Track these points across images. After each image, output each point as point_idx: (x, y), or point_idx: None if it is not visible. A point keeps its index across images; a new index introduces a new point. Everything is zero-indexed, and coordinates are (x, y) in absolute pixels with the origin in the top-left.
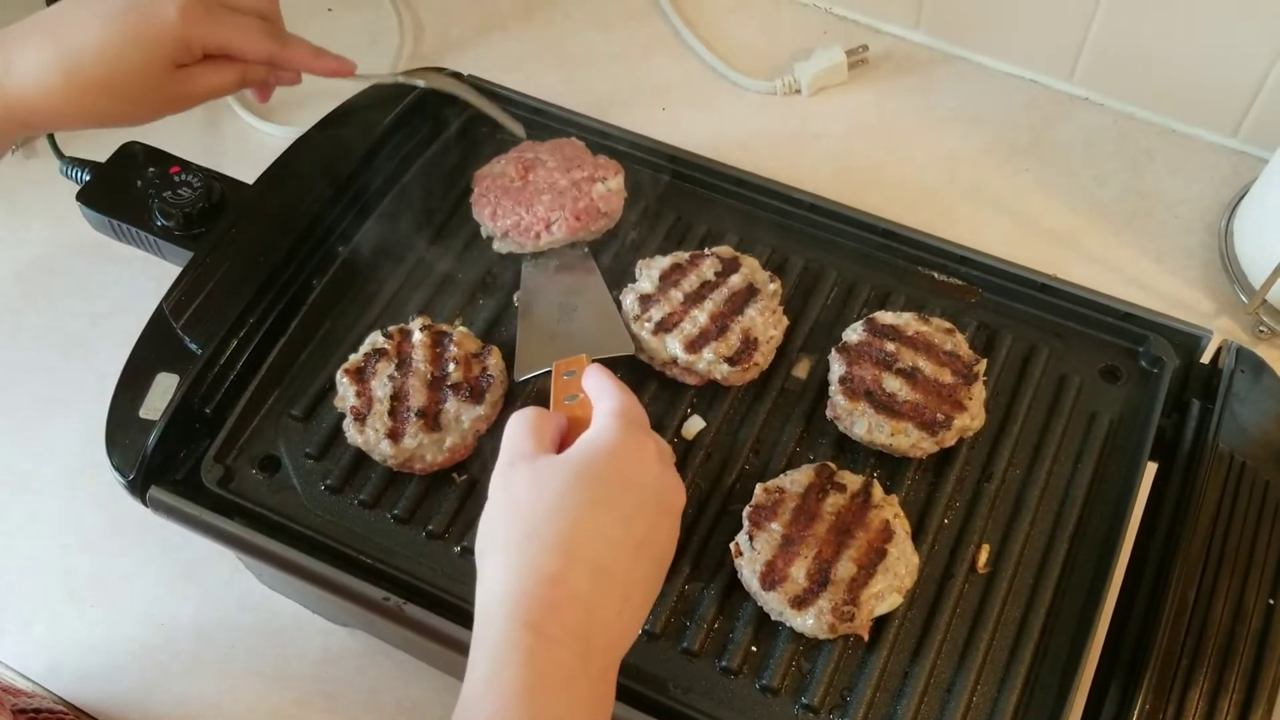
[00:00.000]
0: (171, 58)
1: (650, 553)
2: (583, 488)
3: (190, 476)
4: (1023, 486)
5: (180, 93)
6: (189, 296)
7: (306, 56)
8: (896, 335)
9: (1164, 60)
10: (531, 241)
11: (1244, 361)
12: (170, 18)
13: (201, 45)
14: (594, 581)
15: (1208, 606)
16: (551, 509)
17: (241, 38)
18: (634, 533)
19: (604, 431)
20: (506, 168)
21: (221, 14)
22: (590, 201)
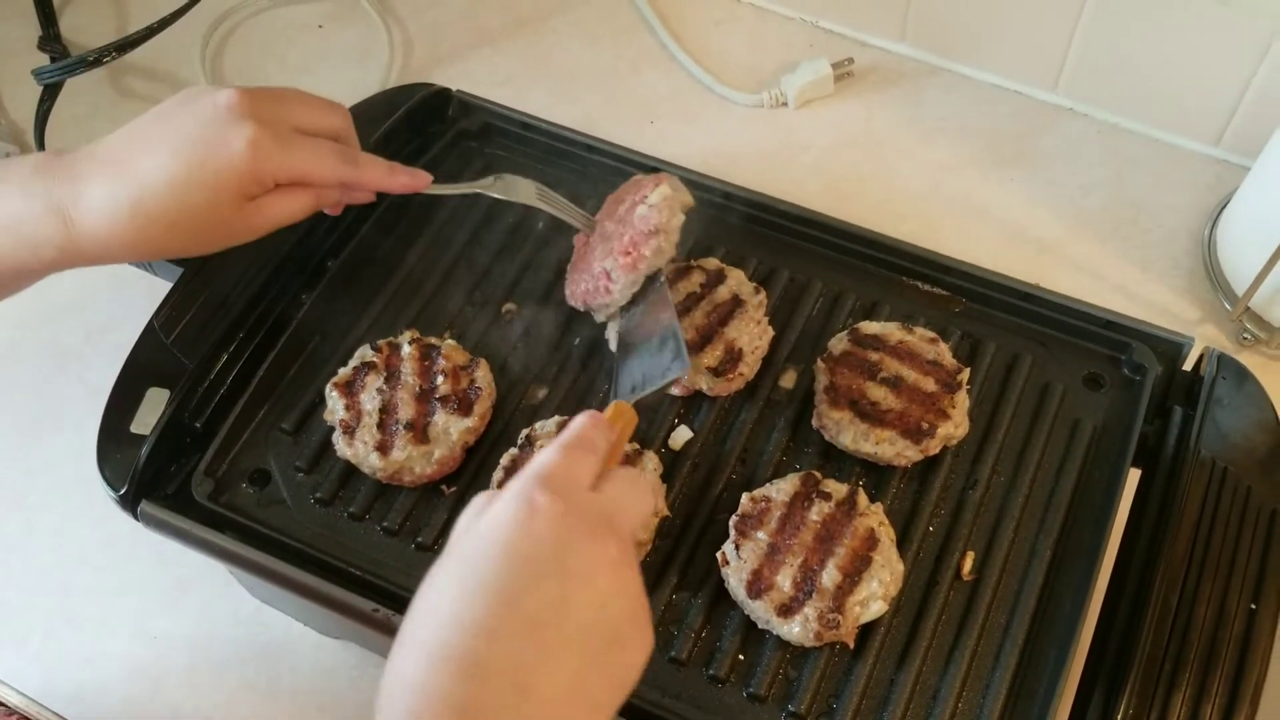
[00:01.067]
0: (240, 192)
1: (557, 632)
2: (454, 575)
3: (181, 491)
4: (1007, 494)
5: (250, 226)
6: (179, 312)
7: (381, 176)
8: (880, 345)
9: (1147, 70)
10: (606, 298)
11: (1226, 368)
12: (239, 151)
13: (274, 175)
14: (466, 681)
15: (1190, 611)
16: (428, 605)
17: (315, 166)
18: (521, 612)
19: (489, 504)
20: (575, 242)
21: (294, 141)
22: (634, 230)
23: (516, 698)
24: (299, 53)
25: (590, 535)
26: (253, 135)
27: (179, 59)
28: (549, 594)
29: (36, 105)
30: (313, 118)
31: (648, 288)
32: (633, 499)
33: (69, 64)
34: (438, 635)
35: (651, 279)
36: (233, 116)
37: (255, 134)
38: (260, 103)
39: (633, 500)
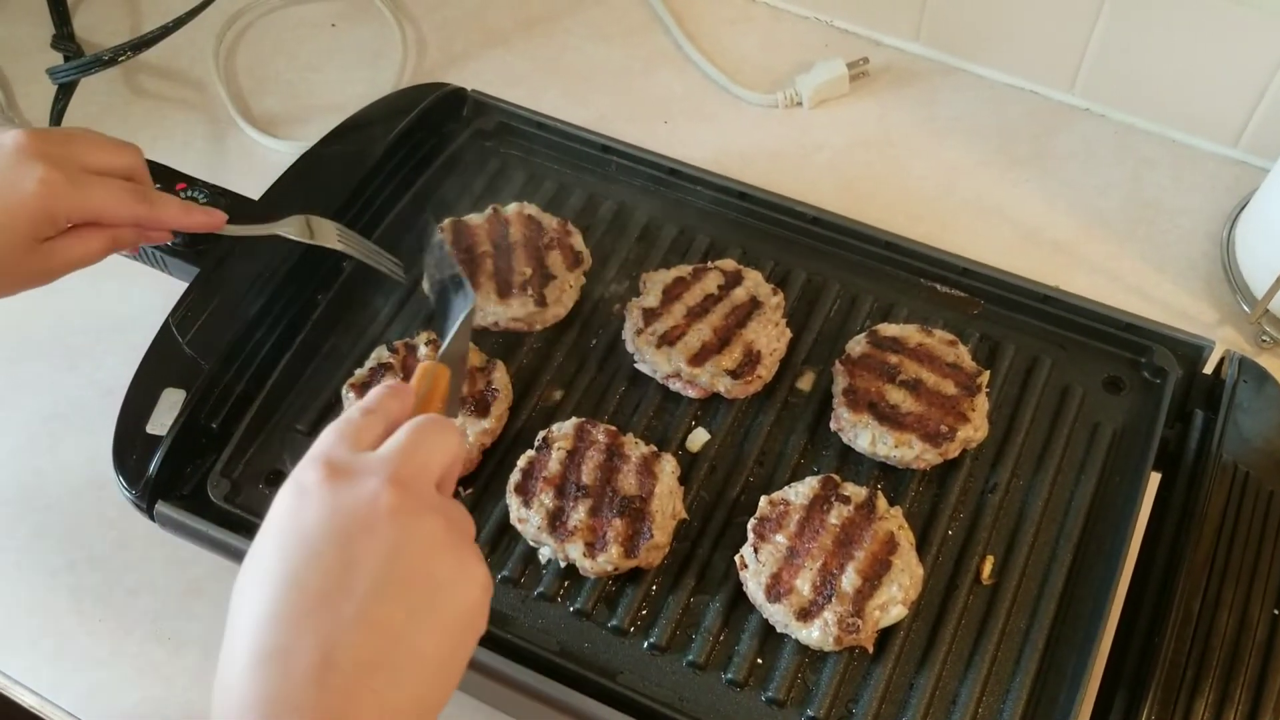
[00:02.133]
0: (32, 234)
1: (347, 598)
2: (247, 575)
3: (197, 491)
4: (1026, 497)
5: (42, 268)
6: (195, 312)
7: (176, 214)
8: (899, 347)
9: (1164, 71)
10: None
11: (1246, 372)
12: (30, 191)
13: (67, 216)
14: (271, 674)
15: (1212, 617)
16: (234, 610)
17: (110, 204)
18: (307, 590)
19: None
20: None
21: (86, 180)
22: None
23: (321, 672)
24: (311, 51)
25: (362, 495)
26: (43, 174)
27: (192, 57)
28: (329, 563)
29: (51, 104)
30: (104, 158)
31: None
32: (422, 441)
33: (84, 63)
34: (242, 640)
35: (431, 249)
36: (22, 157)
37: (46, 173)
38: (50, 144)
39: (422, 443)
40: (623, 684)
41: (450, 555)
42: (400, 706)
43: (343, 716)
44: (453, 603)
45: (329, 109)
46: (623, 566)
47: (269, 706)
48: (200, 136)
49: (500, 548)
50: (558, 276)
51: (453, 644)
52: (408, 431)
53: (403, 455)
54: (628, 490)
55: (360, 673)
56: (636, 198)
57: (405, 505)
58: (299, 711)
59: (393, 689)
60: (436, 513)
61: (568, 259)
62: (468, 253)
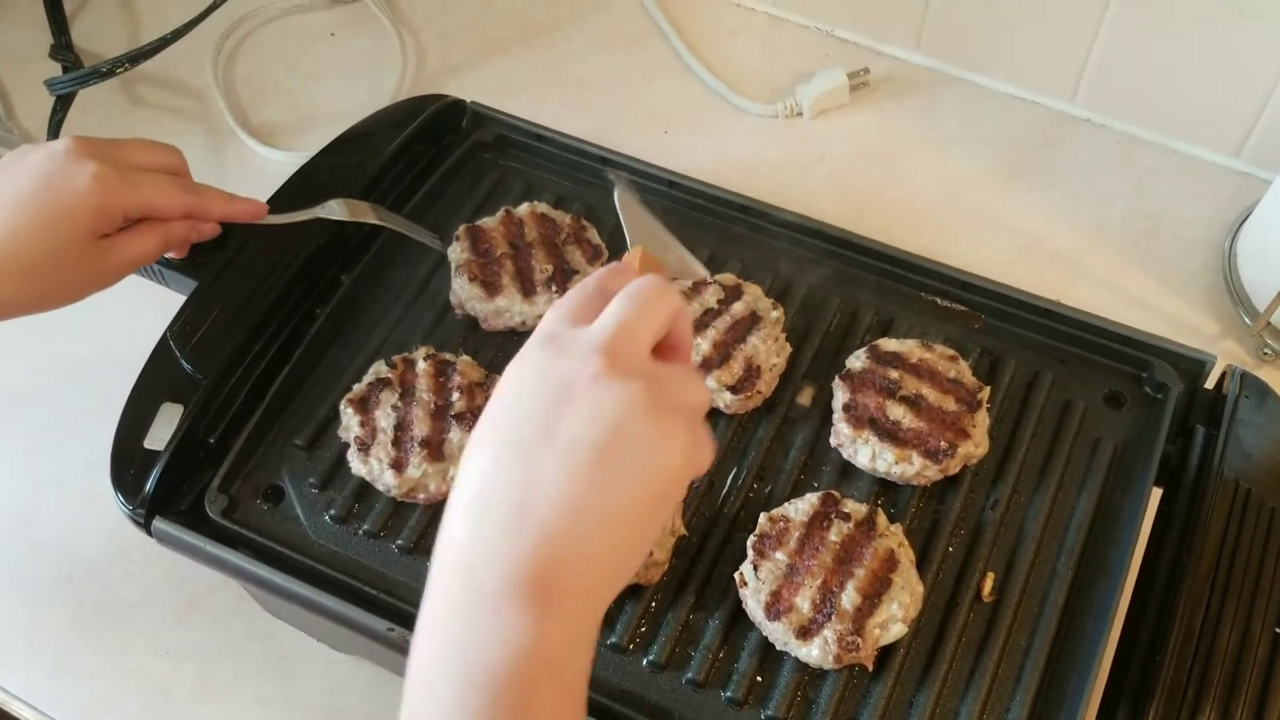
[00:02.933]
0: (92, 229)
1: (548, 450)
2: (473, 443)
3: (195, 507)
4: (1027, 514)
5: (105, 266)
6: (193, 325)
7: (222, 204)
8: (900, 363)
9: (1166, 81)
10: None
11: (1248, 387)
12: (85, 187)
13: (123, 210)
14: (472, 521)
15: (1213, 635)
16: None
17: (162, 194)
18: (513, 441)
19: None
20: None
21: (137, 176)
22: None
23: (516, 519)
24: (310, 61)
25: (572, 364)
26: (96, 170)
27: (191, 67)
28: (534, 425)
29: (50, 115)
30: (149, 156)
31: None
32: (630, 308)
33: (82, 75)
34: (455, 494)
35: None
36: (73, 158)
37: (98, 169)
38: (96, 146)
39: (630, 310)
40: (620, 701)
41: (649, 420)
42: (593, 557)
43: (536, 559)
44: (648, 466)
45: (329, 119)
46: None
47: (470, 554)
48: (199, 146)
49: None
50: (580, 270)
51: (643, 507)
52: (618, 300)
53: (612, 324)
54: None
55: (554, 519)
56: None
57: (609, 371)
58: (496, 556)
59: (585, 537)
60: (640, 378)
61: (587, 252)
62: (486, 256)
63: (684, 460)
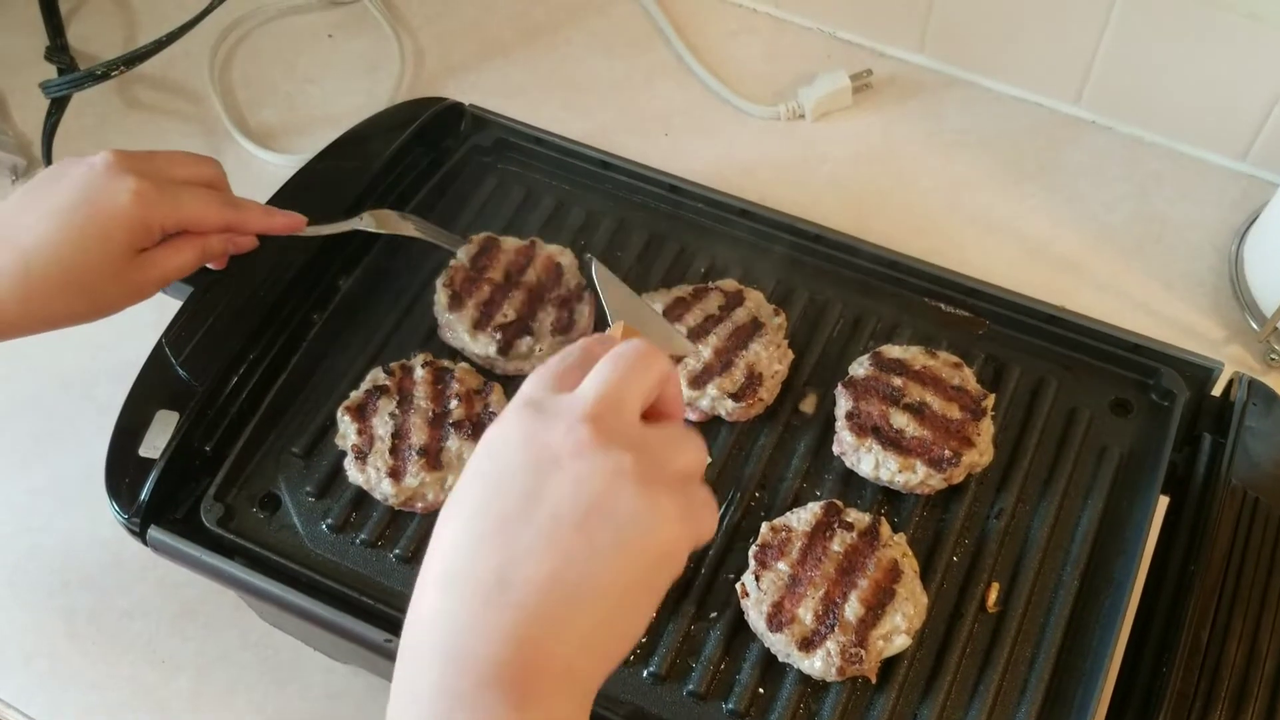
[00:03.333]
0: (131, 244)
1: (527, 523)
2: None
3: (190, 515)
4: (1032, 523)
5: (143, 280)
6: (188, 332)
7: (260, 217)
8: (903, 370)
9: (1172, 83)
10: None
11: (1256, 394)
12: (124, 202)
13: (161, 225)
14: (448, 594)
15: (1221, 648)
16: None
17: (202, 208)
18: (490, 515)
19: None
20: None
21: (176, 190)
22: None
23: (495, 592)
24: (308, 62)
25: (555, 431)
26: (135, 185)
27: (187, 69)
28: (514, 494)
29: (45, 118)
30: (188, 169)
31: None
32: (615, 373)
33: (77, 77)
34: (428, 566)
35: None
36: (112, 173)
37: (137, 184)
38: (137, 159)
39: (615, 375)
40: (621, 714)
41: (638, 492)
42: (578, 634)
43: (517, 639)
44: (637, 538)
45: (326, 121)
46: None
47: (445, 633)
48: (196, 149)
49: None
50: (535, 335)
51: (635, 579)
52: (604, 363)
53: (598, 390)
54: None
55: (534, 594)
56: (636, 215)
57: (595, 440)
58: (473, 631)
59: (568, 615)
60: (629, 448)
61: (559, 321)
62: (478, 271)
63: (677, 531)
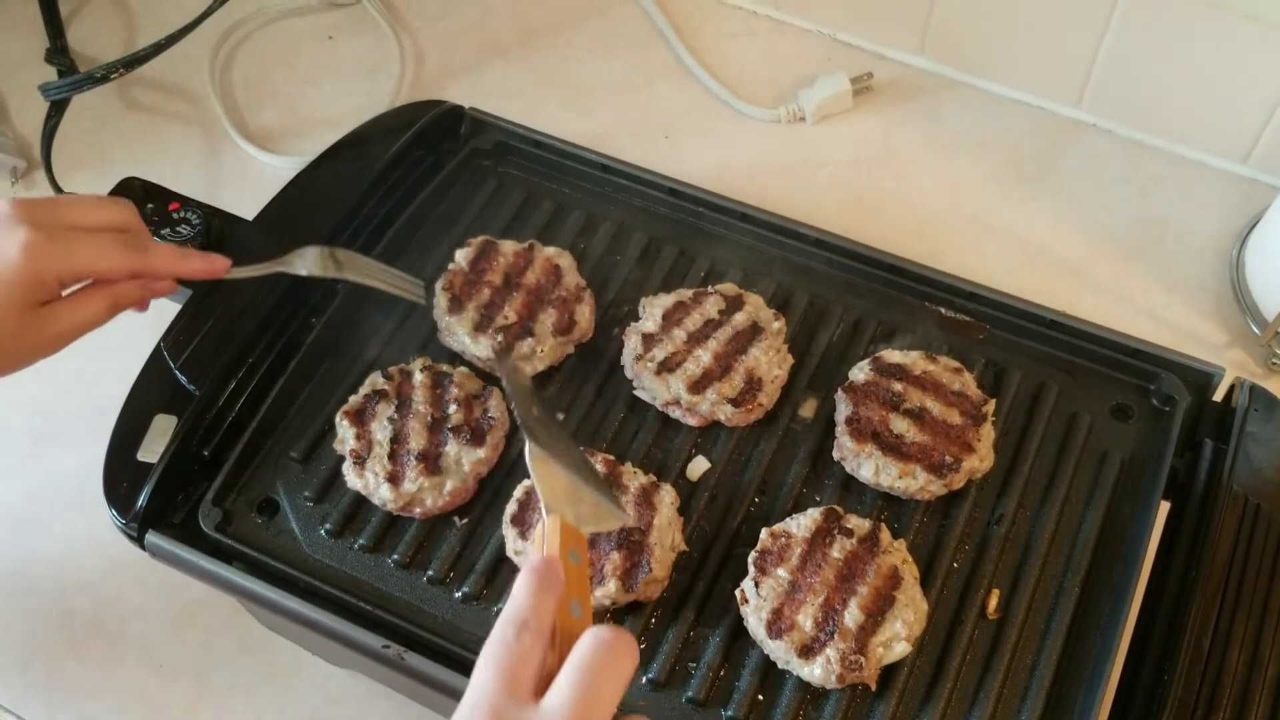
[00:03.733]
0: (25, 299)
1: None
2: None
3: (188, 520)
4: (1033, 529)
5: (45, 335)
6: (187, 336)
7: (172, 261)
8: (904, 375)
9: (1173, 86)
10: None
11: (1257, 400)
12: (13, 255)
13: (57, 276)
14: None
15: (1223, 654)
16: None
17: (99, 257)
18: None
19: None
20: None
21: (71, 238)
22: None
23: None
24: (309, 64)
25: None
26: (26, 238)
27: (188, 71)
28: None
29: (44, 120)
30: (93, 215)
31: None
32: (591, 687)
33: (76, 80)
34: None
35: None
36: (5, 226)
37: (28, 236)
38: (34, 208)
39: (591, 689)
40: None
41: None
42: None
43: None
44: None
45: (326, 123)
46: (620, 601)
47: None
48: (196, 151)
49: (496, 580)
50: (536, 336)
51: None
52: (570, 675)
53: (573, 712)
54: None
55: None
56: (636, 218)
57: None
58: None
59: None
60: None
61: (560, 323)
62: (477, 275)
63: None
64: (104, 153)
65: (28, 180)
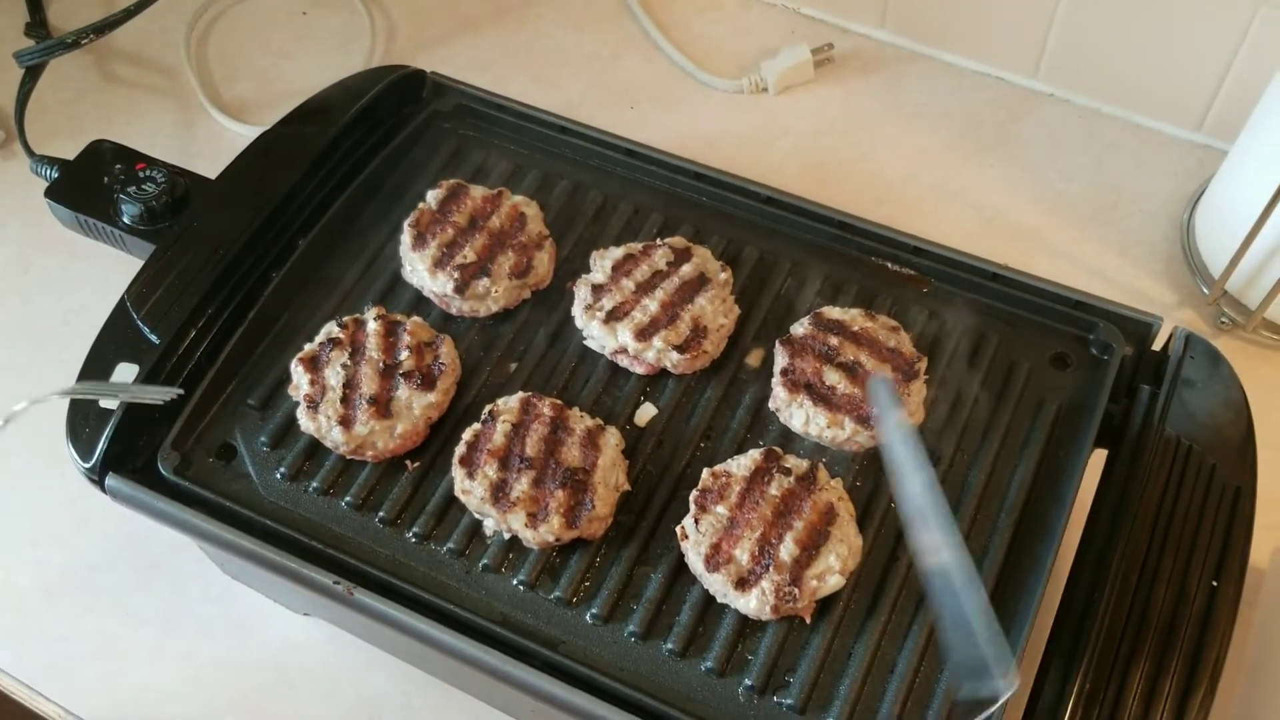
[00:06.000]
0: None
1: None
2: None
3: (149, 465)
4: (969, 472)
5: None
6: (150, 289)
7: None
8: (841, 330)
9: (1127, 55)
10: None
11: (1194, 348)
12: None
13: None
14: None
15: (1150, 589)
16: None
17: None
18: None
19: None
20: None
21: None
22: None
23: None
24: (283, 38)
25: None
26: None
27: (164, 44)
28: None
29: (18, 87)
30: None
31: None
32: None
33: (48, 45)
34: None
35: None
36: None
37: None
38: None
39: None
40: (563, 653)
41: None
42: None
43: None
44: None
45: (299, 94)
46: (564, 537)
47: None
48: (171, 123)
49: (446, 520)
50: (492, 277)
51: None
52: None
53: None
54: (571, 462)
55: None
56: (593, 178)
57: None
58: None
59: None
60: None
61: (517, 266)
62: (444, 214)
63: None
64: (81, 123)
65: (6, 150)
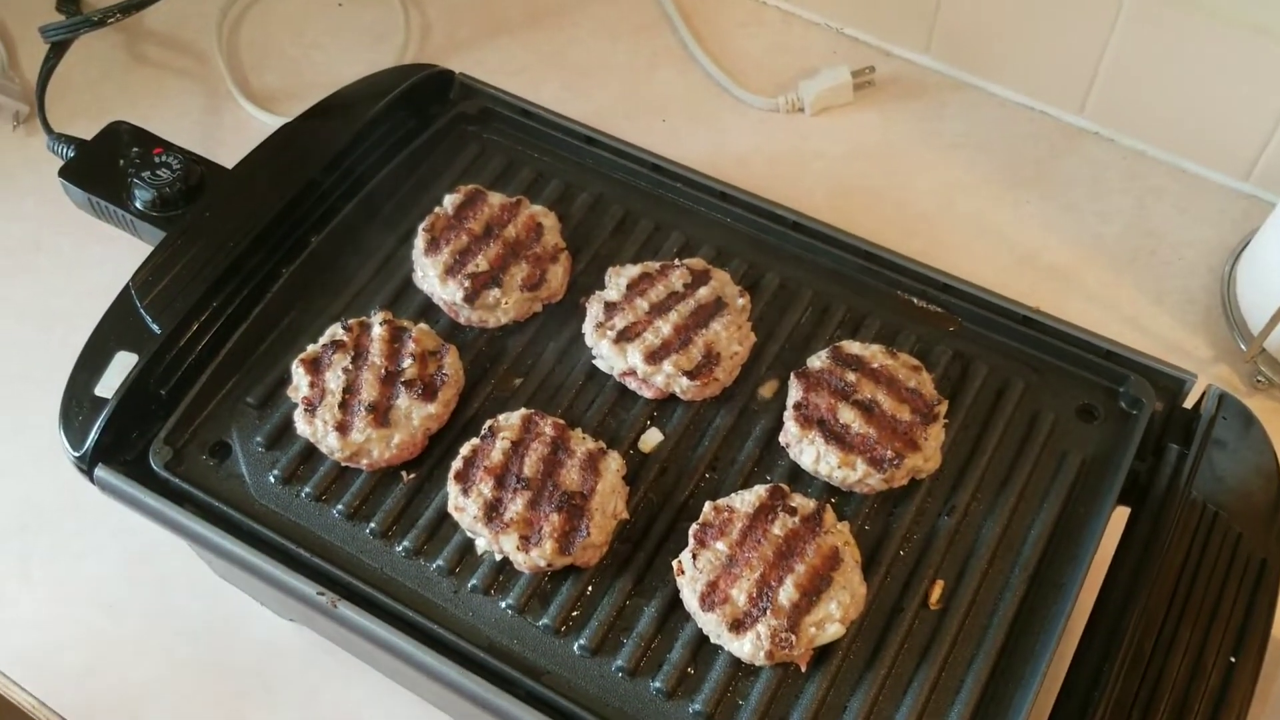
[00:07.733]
0: None
1: None
2: None
3: (141, 459)
4: (984, 523)
5: None
6: (156, 276)
7: None
8: (860, 366)
9: (1177, 98)
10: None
11: (1228, 408)
12: None
13: None
14: None
15: (1165, 659)
16: None
17: None
18: None
19: None
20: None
21: None
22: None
23: None
24: (316, 29)
25: None
26: None
27: (197, 28)
28: None
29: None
30: None
31: None
32: None
33: (75, 22)
34: None
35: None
36: None
37: None
38: None
39: None
40: (547, 684)
41: None
42: None
43: None
44: None
45: (328, 87)
46: (557, 563)
47: None
48: (197, 108)
49: (437, 536)
50: (503, 288)
51: None
52: None
53: None
54: (569, 485)
55: None
56: (616, 191)
57: None
58: None
59: None
60: None
61: (530, 278)
62: (459, 220)
63: None
64: (105, 103)
65: (29, 126)
